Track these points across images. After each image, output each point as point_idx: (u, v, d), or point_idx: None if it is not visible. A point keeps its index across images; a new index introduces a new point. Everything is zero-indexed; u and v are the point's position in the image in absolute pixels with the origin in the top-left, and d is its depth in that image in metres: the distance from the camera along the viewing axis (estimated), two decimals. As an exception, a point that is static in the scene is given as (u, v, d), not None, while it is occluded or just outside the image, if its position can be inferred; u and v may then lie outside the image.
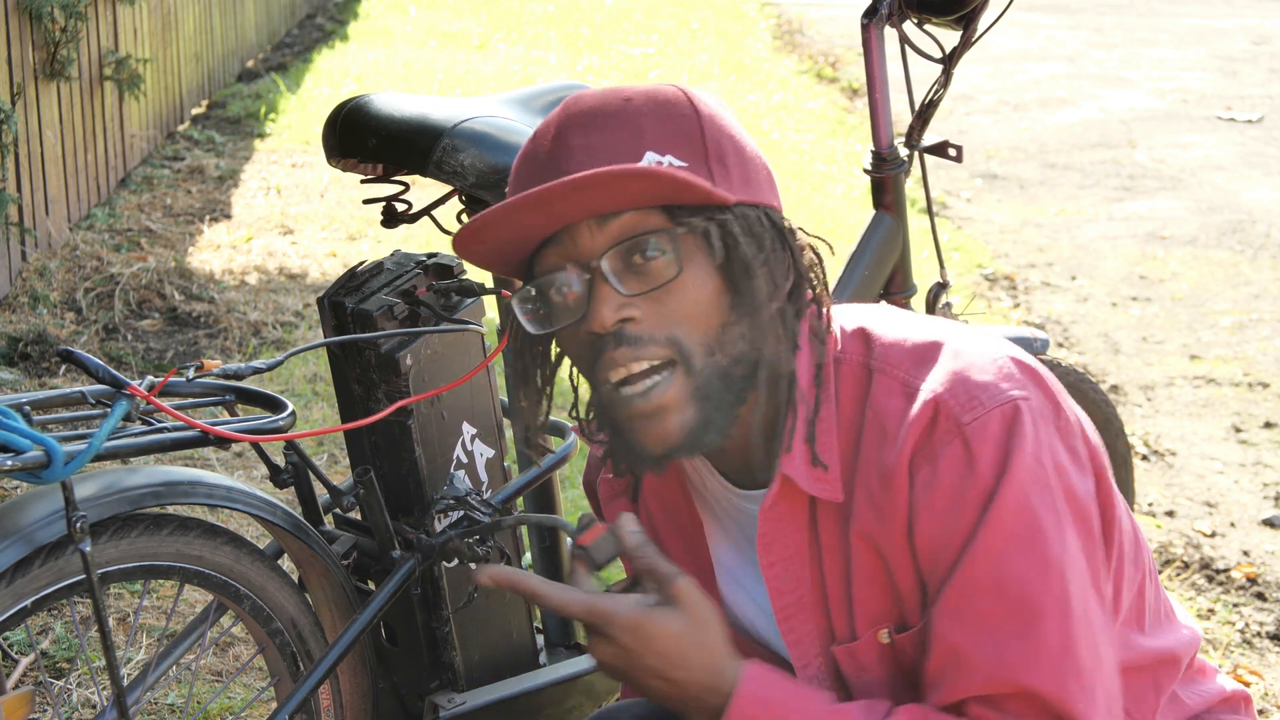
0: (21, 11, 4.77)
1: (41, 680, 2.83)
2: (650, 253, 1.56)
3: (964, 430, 1.56)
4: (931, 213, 2.94)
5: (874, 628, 1.64)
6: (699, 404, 1.58)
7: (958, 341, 1.63)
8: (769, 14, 12.42)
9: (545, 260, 1.61)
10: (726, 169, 1.61)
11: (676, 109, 1.60)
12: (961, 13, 2.70)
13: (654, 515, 1.77)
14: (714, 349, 1.58)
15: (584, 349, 1.60)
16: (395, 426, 2.13)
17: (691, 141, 1.59)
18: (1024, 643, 1.54)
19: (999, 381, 1.58)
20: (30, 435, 1.61)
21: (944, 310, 2.84)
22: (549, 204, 1.54)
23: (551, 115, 1.65)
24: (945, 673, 1.57)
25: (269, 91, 8.03)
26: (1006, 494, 1.54)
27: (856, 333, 1.67)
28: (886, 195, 2.82)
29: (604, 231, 1.57)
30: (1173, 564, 3.57)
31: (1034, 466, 1.55)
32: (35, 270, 4.89)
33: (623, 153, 1.57)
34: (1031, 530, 1.54)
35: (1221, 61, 10.38)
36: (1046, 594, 1.54)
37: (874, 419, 1.61)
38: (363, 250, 5.62)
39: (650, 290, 1.56)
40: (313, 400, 4.22)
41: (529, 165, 1.63)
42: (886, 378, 1.62)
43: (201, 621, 2.08)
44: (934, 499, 1.56)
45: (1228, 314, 5.45)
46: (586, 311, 1.57)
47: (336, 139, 2.26)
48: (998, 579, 1.55)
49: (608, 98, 1.62)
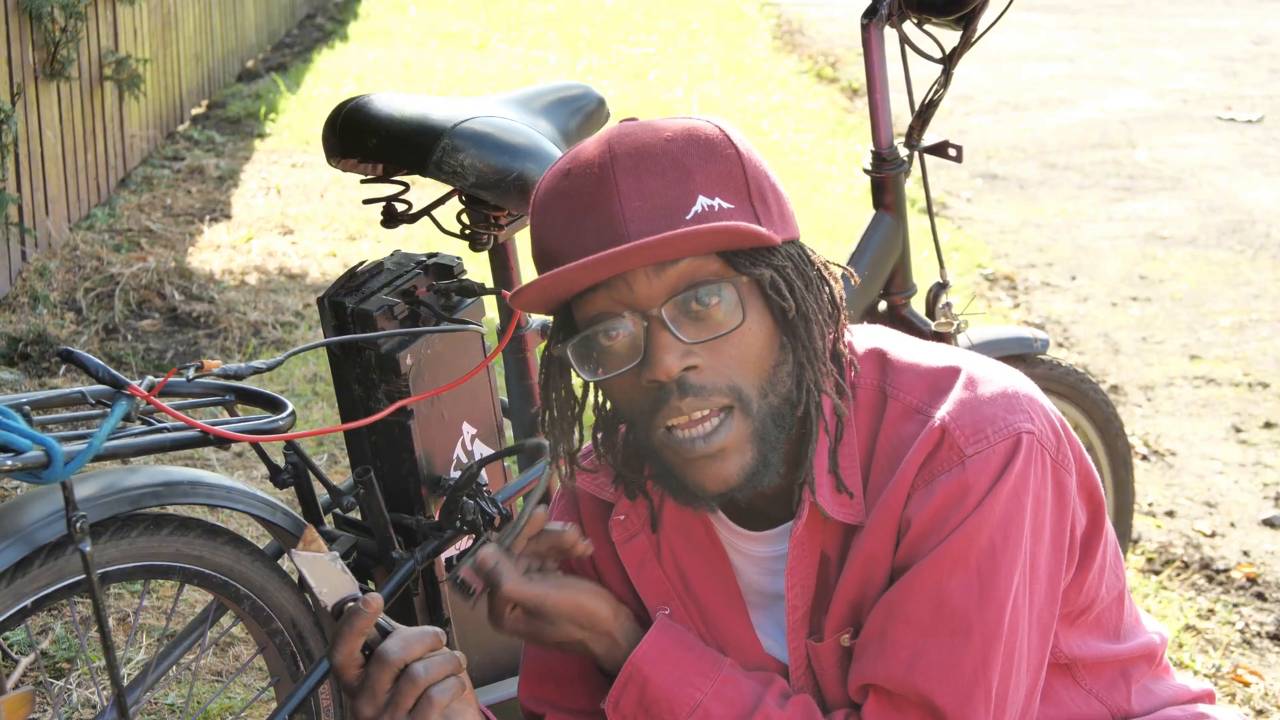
0: (21, 11, 4.77)
1: (41, 680, 2.83)
2: (709, 299, 1.57)
3: (966, 461, 1.60)
4: (931, 213, 2.94)
5: (838, 633, 1.69)
6: (756, 445, 1.60)
7: (971, 369, 1.66)
8: (769, 14, 12.42)
9: (594, 304, 1.60)
10: (768, 207, 1.62)
11: (719, 149, 1.60)
12: (961, 13, 2.70)
13: (677, 550, 1.78)
14: (767, 391, 1.60)
15: (640, 396, 1.60)
16: (395, 426, 2.13)
17: (736, 183, 1.60)
18: (943, 654, 1.59)
19: (1007, 414, 1.62)
20: (30, 435, 1.61)
21: (944, 310, 2.83)
22: (622, 258, 1.54)
23: (586, 151, 1.62)
24: (868, 649, 1.63)
25: (269, 91, 8.03)
26: (980, 521, 1.58)
27: (871, 355, 1.69)
28: (886, 195, 2.82)
29: (662, 279, 1.56)
30: (1173, 564, 3.57)
31: (1011, 502, 1.59)
32: (35, 270, 4.89)
33: (675, 197, 1.57)
34: (988, 560, 1.59)
35: (1221, 61, 10.38)
36: (979, 620, 1.59)
37: (886, 443, 1.65)
38: (363, 250, 5.62)
39: (712, 339, 1.57)
40: (313, 400, 4.22)
41: (570, 204, 1.60)
42: (900, 403, 1.65)
43: (201, 621, 2.08)
44: (922, 517, 1.60)
45: (1228, 314, 5.45)
46: (645, 358, 1.57)
47: (336, 139, 2.26)
48: (940, 590, 1.59)
49: (649, 136, 1.60)
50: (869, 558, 1.64)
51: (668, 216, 1.56)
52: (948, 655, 1.59)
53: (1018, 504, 1.60)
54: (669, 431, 1.59)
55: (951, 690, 1.59)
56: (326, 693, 2.09)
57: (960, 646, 1.59)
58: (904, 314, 2.85)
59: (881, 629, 1.62)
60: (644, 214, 1.56)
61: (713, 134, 1.61)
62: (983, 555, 1.59)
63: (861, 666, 1.64)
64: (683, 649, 1.68)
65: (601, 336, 1.59)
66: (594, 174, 1.59)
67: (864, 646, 1.64)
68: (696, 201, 1.57)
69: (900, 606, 1.61)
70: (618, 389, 1.62)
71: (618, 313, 1.58)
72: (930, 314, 2.84)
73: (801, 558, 1.67)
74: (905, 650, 1.60)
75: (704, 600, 1.76)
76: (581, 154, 1.62)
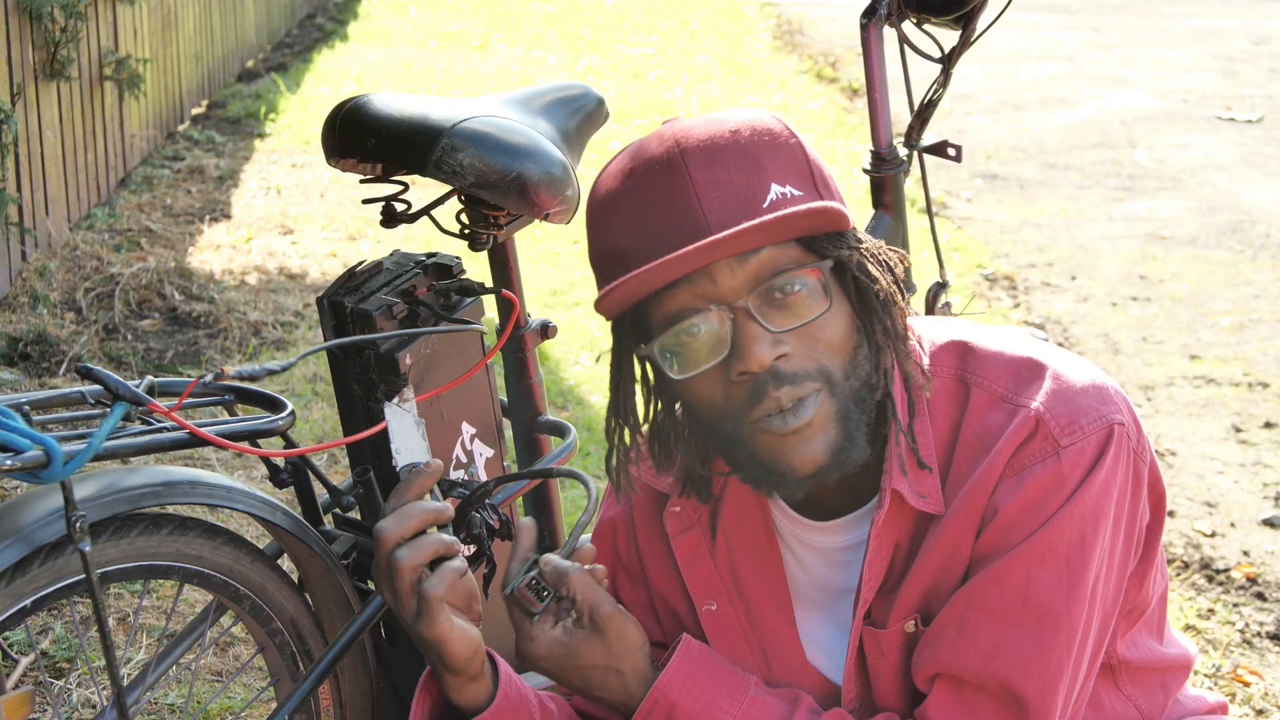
0: (21, 11, 4.77)
1: (41, 680, 2.83)
2: (793, 287, 1.56)
3: (1061, 453, 1.60)
4: (931, 213, 2.95)
5: (904, 619, 1.67)
6: (841, 425, 1.59)
7: (1054, 359, 1.66)
8: (769, 14, 12.42)
9: (675, 300, 1.58)
10: (831, 192, 1.62)
11: (782, 138, 1.61)
12: (960, 12, 2.70)
13: (733, 546, 1.77)
14: (849, 373, 1.60)
15: (729, 390, 1.58)
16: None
17: (801, 170, 1.60)
18: (1028, 646, 1.59)
19: (1099, 405, 1.62)
20: (30, 435, 1.61)
21: (943, 310, 2.84)
22: (709, 250, 1.53)
23: (648, 149, 1.61)
24: (944, 638, 1.62)
25: (269, 91, 8.03)
26: (1072, 513, 1.58)
27: (950, 346, 1.69)
28: (886, 195, 2.82)
29: (744, 269, 1.56)
30: (1173, 564, 3.57)
31: (1102, 494, 1.59)
32: (35, 270, 4.89)
33: (750, 186, 1.57)
34: (1078, 552, 1.59)
35: (1221, 61, 10.38)
36: (1066, 612, 1.59)
37: (971, 432, 1.64)
38: (363, 250, 5.62)
39: (800, 325, 1.57)
40: (313, 400, 4.22)
41: (641, 201, 1.59)
42: (985, 392, 1.64)
43: (201, 621, 2.08)
44: (1011, 507, 1.60)
45: (1228, 314, 5.45)
46: (734, 351, 1.56)
47: (336, 139, 2.25)
48: (1028, 581, 1.59)
49: (714, 129, 1.60)
50: (950, 546, 1.63)
51: (745, 206, 1.56)
52: (1033, 647, 1.58)
53: (1107, 497, 1.60)
54: (757, 421, 1.57)
55: (1036, 681, 1.58)
56: (326, 693, 2.09)
57: (1048, 638, 1.58)
58: (903, 314, 2.85)
59: (961, 618, 1.61)
60: (722, 205, 1.55)
61: (773, 123, 1.62)
62: (1073, 548, 1.59)
63: (935, 654, 1.62)
64: (708, 671, 1.67)
65: (684, 333, 1.58)
66: (662, 169, 1.58)
67: (939, 635, 1.63)
68: (770, 190, 1.57)
69: (983, 596, 1.60)
70: (702, 385, 1.60)
71: (701, 307, 1.57)
72: (929, 314, 2.84)
73: (880, 549, 1.66)
74: (987, 640, 1.59)
75: (752, 599, 1.76)
76: (642, 151, 1.61)
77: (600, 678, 1.65)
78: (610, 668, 1.65)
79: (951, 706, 1.61)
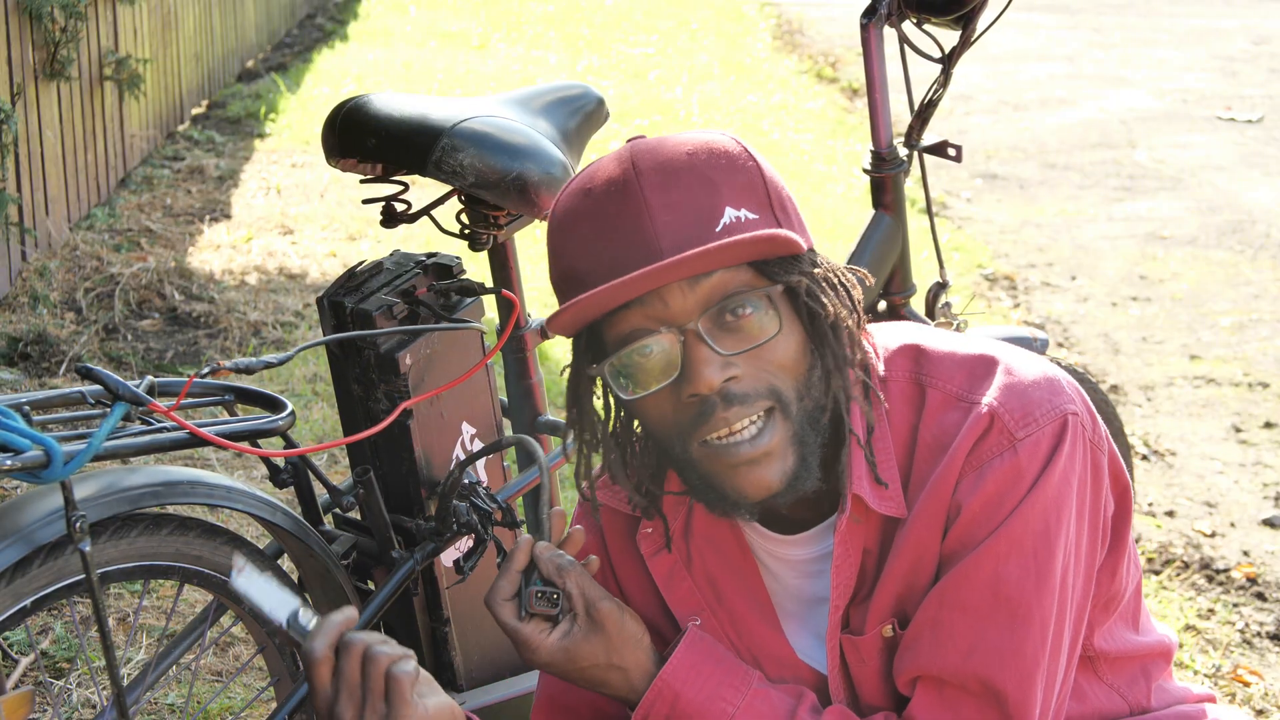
0: (21, 11, 4.77)
1: (41, 680, 2.83)
2: (744, 310, 1.57)
3: (1017, 445, 1.60)
4: (931, 213, 2.95)
5: (881, 624, 1.68)
6: (796, 449, 1.60)
7: (1006, 355, 1.67)
8: (769, 14, 12.42)
9: (627, 321, 1.59)
10: (789, 216, 1.63)
11: (739, 160, 1.61)
12: (960, 12, 2.71)
13: (708, 561, 1.77)
14: (803, 394, 1.60)
15: (678, 411, 1.59)
16: (394, 426, 2.13)
17: (758, 193, 1.60)
18: (1003, 640, 1.60)
19: (1051, 396, 1.63)
20: (30, 435, 1.61)
21: (944, 310, 2.84)
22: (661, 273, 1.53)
23: (605, 169, 1.61)
24: (920, 640, 1.63)
25: (269, 91, 8.03)
26: (1033, 504, 1.59)
27: (903, 350, 1.70)
28: (886, 195, 2.82)
29: (695, 292, 1.56)
30: (1173, 564, 3.57)
31: (1061, 484, 1.60)
32: (35, 270, 4.89)
33: (704, 210, 1.57)
34: (1043, 543, 1.60)
35: (1221, 61, 10.38)
36: (1038, 604, 1.60)
37: (929, 433, 1.65)
38: (363, 250, 5.62)
39: (750, 349, 1.57)
40: (313, 400, 4.22)
41: (596, 222, 1.59)
42: (940, 393, 1.65)
43: (201, 621, 2.08)
44: (974, 502, 1.61)
45: (1228, 314, 5.45)
46: (684, 373, 1.57)
47: (336, 139, 2.26)
48: (997, 576, 1.60)
49: (670, 151, 1.60)
50: (917, 546, 1.64)
51: (698, 229, 1.56)
52: (1008, 641, 1.59)
53: (1067, 486, 1.61)
54: (706, 442, 1.59)
55: (1014, 676, 1.59)
56: (326, 692, 2.09)
57: (1020, 631, 1.60)
58: (903, 314, 2.85)
59: (935, 619, 1.62)
60: (675, 228, 1.56)
61: (731, 146, 1.62)
62: (1038, 538, 1.60)
63: (914, 658, 1.63)
64: (712, 662, 1.68)
65: (636, 354, 1.58)
66: (618, 190, 1.58)
67: (915, 637, 1.64)
68: (725, 213, 1.57)
69: (955, 594, 1.61)
70: (652, 405, 1.61)
71: (652, 329, 1.58)
72: (930, 314, 2.84)
73: (846, 554, 1.67)
74: (963, 639, 1.60)
75: (736, 610, 1.76)
76: (600, 171, 1.61)
77: (603, 676, 1.66)
78: (612, 665, 1.65)
79: (935, 708, 1.62)
